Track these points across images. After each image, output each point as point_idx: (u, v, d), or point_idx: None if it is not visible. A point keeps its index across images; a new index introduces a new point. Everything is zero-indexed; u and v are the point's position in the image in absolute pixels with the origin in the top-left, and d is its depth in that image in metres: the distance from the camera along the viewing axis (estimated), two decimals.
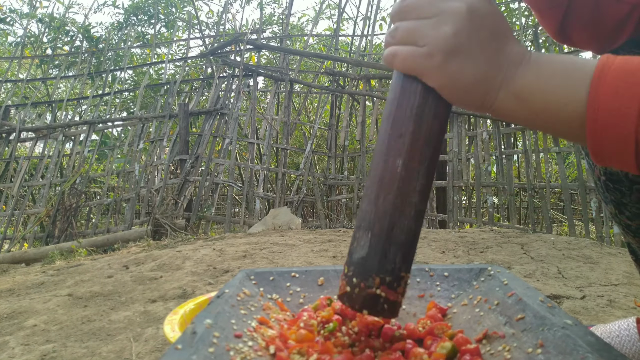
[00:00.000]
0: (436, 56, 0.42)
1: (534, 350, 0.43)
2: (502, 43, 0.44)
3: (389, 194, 0.45)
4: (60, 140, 5.12)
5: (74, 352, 1.12)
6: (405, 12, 0.45)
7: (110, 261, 2.36)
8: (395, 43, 0.45)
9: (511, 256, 2.16)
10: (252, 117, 4.93)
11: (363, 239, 0.46)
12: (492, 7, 0.43)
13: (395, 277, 0.46)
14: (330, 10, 7.16)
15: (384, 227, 0.45)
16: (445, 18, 0.42)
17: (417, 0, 0.44)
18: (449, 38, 0.42)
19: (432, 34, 0.42)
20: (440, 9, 0.42)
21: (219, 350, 0.43)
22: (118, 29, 6.24)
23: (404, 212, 0.45)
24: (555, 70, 0.43)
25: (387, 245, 0.45)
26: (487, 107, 0.45)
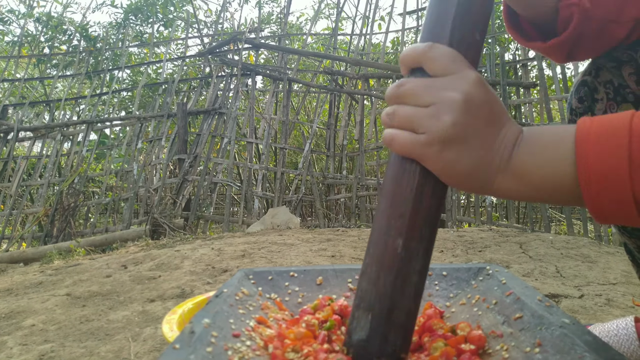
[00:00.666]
0: (435, 145, 0.43)
1: (532, 349, 0.43)
2: (497, 128, 0.45)
3: (389, 275, 0.45)
4: (59, 140, 5.11)
5: (72, 352, 1.12)
6: (403, 97, 0.45)
7: (109, 261, 2.36)
8: (393, 126, 0.46)
9: (510, 255, 2.16)
10: (251, 116, 4.93)
11: (363, 319, 0.46)
12: (487, 95, 0.44)
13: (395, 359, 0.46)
14: (329, 10, 7.16)
15: (384, 309, 0.45)
16: (444, 108, 0.43)
17: (414, 88, 0.44)
18: (447, 128, 0.42)
19: (431, 124, 0.43)
20: (438, 97, 0.43)
21: (217, 349, 0.43)
22: (116, 28, 6.23)
23: (404, 293, 0.45)
24: (545, 144, 0.44)
25: (387, 328, 0.45)
26: (487, 189, 0.46)
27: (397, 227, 0.45)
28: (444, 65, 0.44)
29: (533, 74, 4.75)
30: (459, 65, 0.44)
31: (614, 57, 0.68)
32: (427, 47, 0.44)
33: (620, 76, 0.67)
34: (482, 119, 0.44)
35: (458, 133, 0.43)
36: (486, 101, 0.44)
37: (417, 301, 0.47)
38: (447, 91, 0.43)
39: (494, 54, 4.69)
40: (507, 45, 5.11)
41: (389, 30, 5.43)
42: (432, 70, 0.44)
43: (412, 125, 0.44)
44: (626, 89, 0.67)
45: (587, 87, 0.71)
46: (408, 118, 0.44)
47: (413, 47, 0.46)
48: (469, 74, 0.44)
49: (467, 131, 0.43)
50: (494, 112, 0.45)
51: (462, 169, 0.44)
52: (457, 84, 0.43)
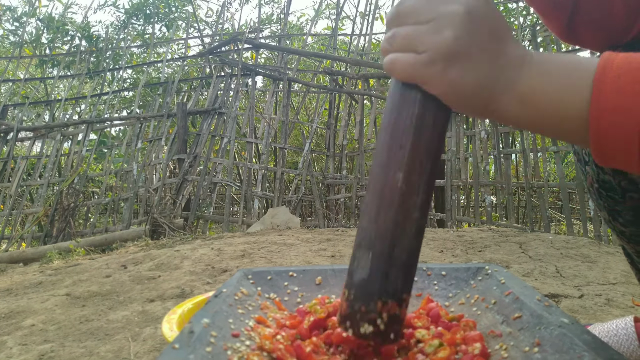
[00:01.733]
0: (438, 63, 0.41)
1: (530, 349, 0.43)
2: (502, 44, 0.42)
3: (390, 210, 0.43)
4: (59, 140, 5.11)
5: (72, 352, 1.12)
6: (401, 17, 0.43)
7: (109, 261, 2.36)
8: (393, 50, 0.43)
9: (509, 255, 2.16)
10: (251, 116, 4.93)
11: (363, 259, 0.45)
12: (490, 8, 0.42)
13: (397, 299, 0.45)
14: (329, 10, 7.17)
15: (385, 246, 0.43)
16: (444, 22, 0.40)
17: (413, 5, 0.42)
18: (450, 43, 0.40)
19: (432, 40, 0.41)
20: (438, 12, 0.41)
21: (216, 349, 0.43)
22: (118, 28, 6.23)
23: (405, 229, 0.44)
24: (557, 70, 0.42)
25: (388, 266, 0.44)
26: (490, 112, 0.44)
27: (397, 160, 0.43)
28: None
29: None
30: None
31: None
32: None
33: None
34: (485, 33, 0.42)
35: (461, 47, 0.40)
36: (490, 14, 0.42)
37: (419, 239, 0.45)
38: (448, 4, 0.41)
39: None
40: None
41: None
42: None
43: (412, 45, 0.42)
44: None
45: None
46: (408, 37, 0.42)
47: None
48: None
49: (470, 45, 0.41)
50: (498, 27, 0.43)
51: (467, 87, 0.42)
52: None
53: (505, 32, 0.43)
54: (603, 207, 0.70)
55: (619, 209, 0.67)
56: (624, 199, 0.65)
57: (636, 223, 0.67)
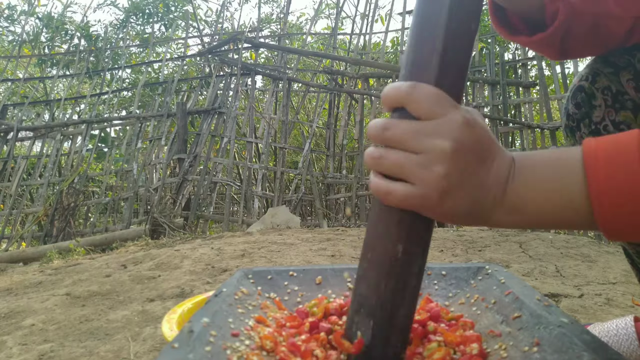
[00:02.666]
0: (431, 197, 0.42)
1: (530, 348, 0.43)
2: (489, 163, 0.44)
3: (390, 280, 0.45)
4: (59, 140, 5.11)
5: (72, 352, 1.12)
6: (389, 142, 0.44)
7: (109, 260, 2.36)
8: (381, 171, 0.45)
9: (509, 255, 2.16)
10: (251, 116, 4.93)
11: (364, 325, 0.46)
12: (475, 134, 0.43)
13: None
14: (329, 10, 7.16)
15: (386, 314, 0.45)
16: (434, 158, 0.41)
17: (401, 133, 0.43)
18: (441, 180, 0.41)
19: (423, 175, 0.42)
20: (426, 146, 0.42)
21: (215, 349, 0.43)
22: (117, 28, 6.23)
23: (404, 297, 0.45)
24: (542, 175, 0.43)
25: (389, 332, 0.46)
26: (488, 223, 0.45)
27: (397, 233, 0.45)
28: (429, 108, 0.42)
29: (532, 73, 4.75)
30: (443, 107, 0.42)
31: (611, 63, 0.67)
32: (411, 87, 0.43)
33: (618, 82, 0.66)
34: (473, 160, 0.43)
35: (452, 182, 0.42)
36: (476, 141, 0.43)
37: (415, 303, 0.47)
38: (436, 139, 0.41)
39: (493, 54, 4.69)
40: (507, 44, 5.11)
41: (389, 29, 5.43)
42: (416, 112, 0.43)
43: (402, 173, 0.43)
44: (624, 96, 0.66)
45: (584, 93, 0.70)
46: (398, 165, 0.43)
47: (396, 87, 0.44)
48: (455, 117, 0.42)
49: (461, 177, 0.42)
50: (484, 149, 0.44)
51: (461, 212, 0.44)
52: (444, 131, 0.42)
53: (490, 149, 0.44)
54: None
55: None
56: None
57: None
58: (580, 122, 0.71)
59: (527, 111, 4.51)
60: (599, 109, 0.68)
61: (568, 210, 0.43)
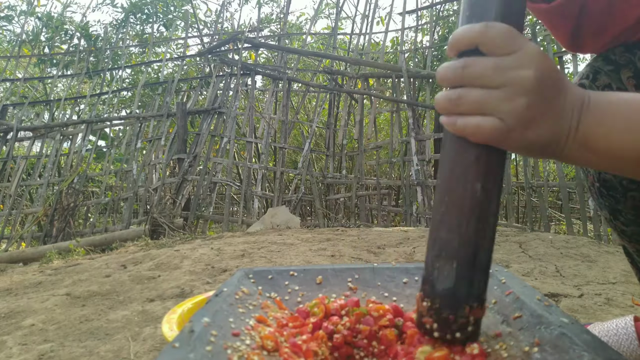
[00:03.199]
0: (516, 130, 0.42)
1: (530, 348, 0.43)
2: (563, 95, 0.44)
3: (471, 219, 0.45)
4: (58, 140, 5.11)
5: (72, 352, 1.12)
6: (469, 80, 0.43)
7: (108, 260, 2.36)
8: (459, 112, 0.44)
9: (509, 255, 2.16)
10: (250, 116, 4.93)
11: (446, 268, 0.46)
12: (552, 65, 0.43)
13: (481, 302, 0.47)
14: (329, 10, 7.17)
15: (469, 255, 0.45)
16: (517, 88, 0.42)
17: (482, 69, 0.43)
18: (525, 111, 0.42)
19: (507, 107, 0.42)
20: (509, 77, 0.42)
21: (216, 348, 0.43)
22: (117, 27, 6.23)
23: (485, 236, 0.46)
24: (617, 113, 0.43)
25: (473, 273, 0.46)
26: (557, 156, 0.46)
27: (475, 171, 0.45)
28: (505, 44, 0.42)
29: None
30: (519, 42, 0.42)
31: (611, 61, 0.67)
32: (484, 26, 0.43)
33: (618, 80, 0.66)
34: (551, 90, 0.43)
35: (535, 113, 0.42)
36: (553, 69, 0.43)
37: (493, 241, 0.47)
38: (518, 70, 0.42)
39: None
40: None
41: (389, 29, 5.43)
42: (491, 50, 0.43)
43: (483, 109, 0.43)
44: None
45: None
46: (480, 102, 0.43)
47: (468, 28, 0.43)
48: (532, 49, 0.42)
49: (543, 108, 0.42)
50: (560, 78, 0.44)
51: (540, 144, 0.44)
52: (525, 62, 0.42)
53: (563, 81, 0.44)
54: (604, 206, 0.71)
55: (620, 208, 0.67)
56: (625, 198, 0.66)
57: (637, 222, 0.67)
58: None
59: None
60: None
61: (637, 155, 0.42)
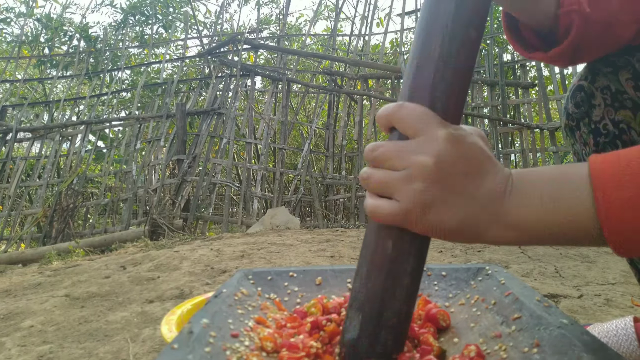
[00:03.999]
0: (414, 212, 0.42)
1: (530, 349, 0.43)
2: (479, 180, 0.43)
3: (380, 275, 0.45)
4: (58, 141, 5.11)
5: (71, 353, 1.12)
6: (376, 161, 0.45)
7: (108, 262, 2.36)
8: (370, 190, 0.45)
9: (509, 255, 2.16)
10: (250, 116, 4.93)
11: (355, 319, 0.46)
12: (460, 149, 0.43)
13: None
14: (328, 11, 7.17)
15: (374, 309, 0.45)
16: (415, 173, 0.42)
17: (385, 152, 0.44)
18: (421, 194, 0.42)
19: (405, 190, 0.42)
20: (408, 162, 0.42)
21: (215, 349, 0.43)
22: (116, 29, 6.23)
23: (395, 294, 0.45)
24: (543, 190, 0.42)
25: (377, 329, 0.45)
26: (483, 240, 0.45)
27: (388, 230, 0.45)
28: (413, 126, 0.43)
29: (531, 74, 4.76)
30: (427, 125, 0.43)
31: (610, 62, 0.67)
32: (396, 107, 0.44)
33: (617, 81, 0.66)
34: (459, 175, 0.42)
35: (434, 196, 0.42)
36: (461, 156, 0.43)
37: (410, 303, 0.46)
38: (418, 155, 0.42)
39: (492, 55, 4.70)
40: (506, 45, 5.12)
41: (388, 30, 5.44)
42: (403, 131, 0.44)
43: (387, 190, 0.44)
44: (624, 95, 0.66)
45: (583, 93, 0.70)
46: (382, 183, 0.44)
47: (385, 108, 0.45)
48: (438, 134, 0.42)
49: (443, 192, 0.42)
50: (473, 164, 0.43)
51: (448, 228, 0.43)
52: (426, 147, 0.42)
53: (481, 165, 0.43)
54: None
55: None
56: None
57: None
58: (579, 122, 0.71)
59: (527, 112, 4.51)
60: (599, 108, 0.68)
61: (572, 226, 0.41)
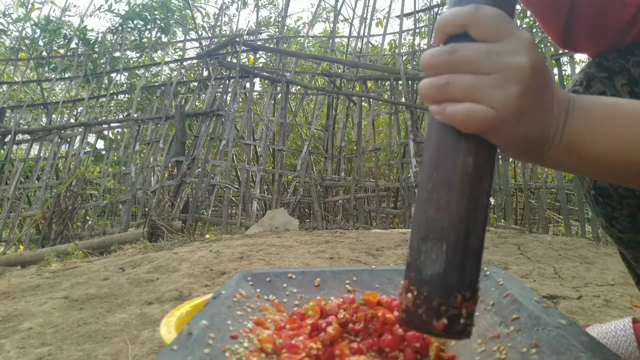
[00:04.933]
0: (509, 120, 0.39)
1: (528, 350, 0.43)
2: (552, 91, 0.42)
3: (462, 197, 0.41)
4: (56, 143, 5.11)
5: (70, 355, 1.12)
6: (458, 65, 0.40)
7: (107, 263, 2.35)
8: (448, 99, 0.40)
9: (508, 256, 2.16)
10: (249, 118, 4.93)
11: (434, 251, 0.41)
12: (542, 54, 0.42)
13: (474, 291, 0.42)
14: (327, 13, 7.18)
15: (460, 236, 0.41)
16: (511, 76, 0.39)
17: (472, 54, 0.40)
18: (518, 100, 0.39)
19: (500, 95, 0.39)
20: (503, 64, 0.39)
21: (214, 351, 0.43)
22: (114, 33, 6.23)
23: (477, 217, 0.41)
24: (602, 118, 0.42)
25: (464, 257, 0.41)
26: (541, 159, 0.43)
27: (466, 146, 0.41)
28: (496, 28, 0.39)
29: None
30: (510, 27, 0.40)
31: (605, 67, 0.67)
32: (473, 8, 0.40)
33: (612, 87, 0.66)
34: (542, 83, 0.41)
35: (528, 103, 0.40)
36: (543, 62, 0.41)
37: (486, 223, 0.43)
38: (512, 56, 0.39)
39: None
40: None
41: (387, 32, 5.45)
42: (481, 35, 0.40)
43: (474, 96, 0.39)
44: None
45: None
46: (471, 88, 0.39)
47: (455, 10, 0.41)
48: (525, 36, 0.40)
49: (535, 100, 0.40)
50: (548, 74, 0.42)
51: (530, 141, 0.41)
52: (519, 48, 0.39)
53: (551, 77, 0.43)
54: (600, 213, 0.71)
55: (616, 215, 0.67)
56: (621, 205, 0.66)
57: (633, 229, 0.67)
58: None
59: None
60: None
61: (632, 158, 0.40)
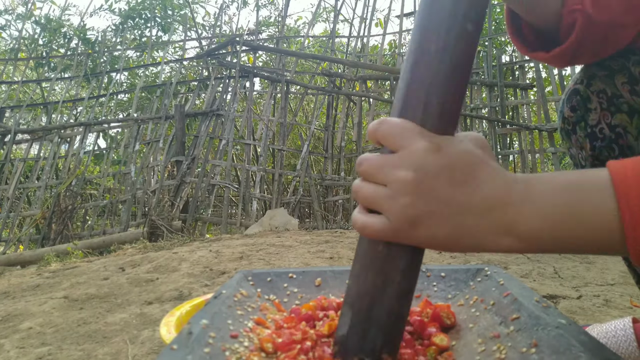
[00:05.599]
0: (402, 228, 0.42)
1: (528, 349, 0.43)
2: (470, 188, 0.41)
3: (370, 272, 0.45)
4: (56, 142, 5.11)
5: (70, 355, 1.12)
6: (363, 175, 0.45)
7: (106, 263, 2.35)
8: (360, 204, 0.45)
9: (508, 256, 2.16)
10: (249, 118, 4.93)
11: (346, 316, 0.46)
12: (443, 159, 0.41)
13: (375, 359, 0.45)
14: (327, 13, 7.18)
15: (363, 306, 0.45)
16: (397, 189, 0.41)
17: (369, 167, 0.44)
18: (406, 209, 0.41)
19: (390, 205, 0.42)
20: (390, 177, 0.42)
21: (214, 350, 0.43)
22: (114, 32, 6.22)
23: (385, 292, 0.44)
24: (557, 200, 0.40)
25: (366, 325, 0.45)
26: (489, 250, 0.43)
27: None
28: (393, 140, 0.43)
29: (530, 75, 4.77)
30: (408, 139, 0.42)
31: (606, 66, 0.67)
32: (377, 124, 0.44)
33: (613, 85, 0.66)
34: (444, 185, 0.41)
35: (419, 211, 0.41)
36: (444, 166, 0.41)
37: (402, 302, 0.45)
38: (398, 170, 0.41)
39: (491, 56, 4.70)
40: (504, 47, 5.13)
41: (387, 32, 5.45)
42: (387, 146, 0.44)
43: (374, 206, 0.43)
44: (620, 99, 0.66)
45: (579, 96, 0.70)
46: (370, 198, 0.43)
47: (371, 125, 0.45)
48: (417, 146, 0.41)
49: (429, 205, 0.41)
50: (463, 172, 0.42)
51: (442, 240, 0.42)
52: (406, 161, 0.41)
53: (470, 172, 0.42)
54: None
55: None
56: None
57: None
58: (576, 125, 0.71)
59: (525, 113, 4.52)
60: (595, 112, 0.68)
61: (589, 234, 0.39)
